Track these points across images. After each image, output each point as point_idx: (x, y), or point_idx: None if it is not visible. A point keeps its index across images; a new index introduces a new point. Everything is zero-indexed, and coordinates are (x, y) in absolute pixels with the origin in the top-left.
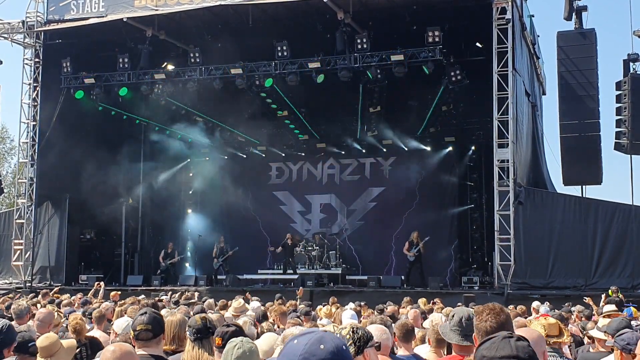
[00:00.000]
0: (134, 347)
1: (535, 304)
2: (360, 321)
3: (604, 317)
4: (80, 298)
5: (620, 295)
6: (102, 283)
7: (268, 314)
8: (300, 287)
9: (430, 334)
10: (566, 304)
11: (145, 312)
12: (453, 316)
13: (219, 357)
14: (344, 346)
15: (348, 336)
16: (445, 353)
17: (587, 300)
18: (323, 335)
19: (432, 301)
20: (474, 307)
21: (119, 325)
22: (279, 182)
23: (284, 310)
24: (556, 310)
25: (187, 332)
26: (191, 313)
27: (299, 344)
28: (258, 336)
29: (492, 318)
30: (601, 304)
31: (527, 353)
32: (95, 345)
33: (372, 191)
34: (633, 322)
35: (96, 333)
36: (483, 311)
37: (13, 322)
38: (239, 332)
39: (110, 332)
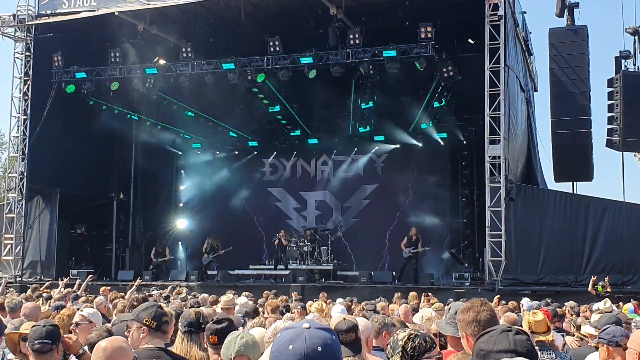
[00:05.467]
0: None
1: (524, 300)
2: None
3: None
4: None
5: (609, 289)
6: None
7: (260, 309)
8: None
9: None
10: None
11: (153, 306)
12: (449, 309)
13: (214, 354)
14: (332, 337)
15: (401, 342)
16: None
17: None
18: (311, 333)
19: (423, 294)
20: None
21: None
22: (273, 179)
23: (276, 304)
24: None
25: (179, 324)
26: (184, 308)
27: (294, 349)
28: None
29: (488, 309)
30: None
31: (525, 347)
32: None
33: (366, 188)
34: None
35: None
36: (476, 304)
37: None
38: (230, 326)
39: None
